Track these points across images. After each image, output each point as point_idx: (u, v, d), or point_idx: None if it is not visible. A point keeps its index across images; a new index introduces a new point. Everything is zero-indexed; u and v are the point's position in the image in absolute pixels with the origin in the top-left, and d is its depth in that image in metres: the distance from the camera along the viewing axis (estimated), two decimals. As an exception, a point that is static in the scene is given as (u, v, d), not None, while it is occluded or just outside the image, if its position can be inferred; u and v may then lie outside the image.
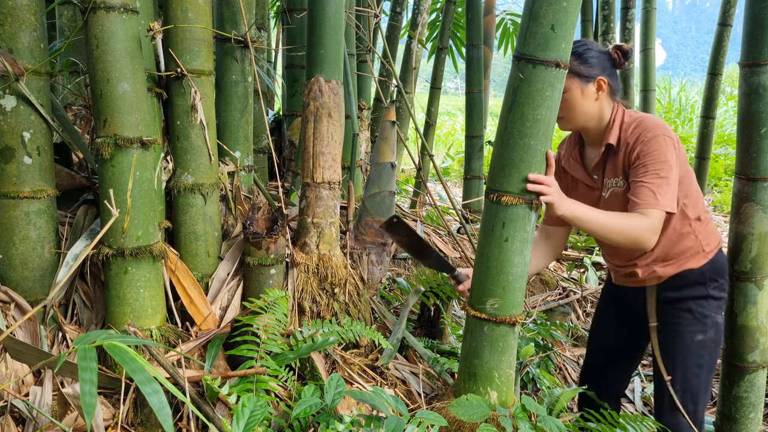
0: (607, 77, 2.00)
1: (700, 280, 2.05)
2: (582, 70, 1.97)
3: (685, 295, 2.06)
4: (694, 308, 2.05)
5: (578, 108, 2.01)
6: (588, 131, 2.08)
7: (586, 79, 1.98)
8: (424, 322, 2.63)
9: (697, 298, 2.05)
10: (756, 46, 2.23)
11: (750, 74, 2.26)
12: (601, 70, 2.00)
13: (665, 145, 1.90)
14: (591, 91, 2.00)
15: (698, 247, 2.04)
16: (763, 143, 2.24)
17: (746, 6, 2.28)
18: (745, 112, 2.28)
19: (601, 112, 2.03)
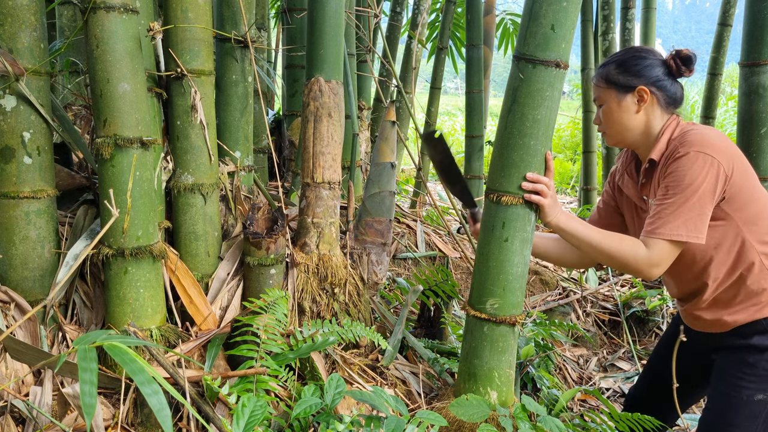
0: (653, 86, 1.77)
1: None
2: (620, 79, 1.78)
3: (753, 343, 1.75)
4: (760, 362, 1.74)
5: (617, 121, 1.81)
6: (637, 147, 1.86)
7: (624, 89, 1.78)
8: (424, 322, 2.63)
9: (765, 349, 1.74)
10: (756, 46, 2.23)
11: (750, 74, 2.26)
12: (645, 78, 1.77)
13: (698, 164, 1.64)
14: (629, 103, 1.78)
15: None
16: (763, 143, 2.24)
17: (746, 6, 2.28)
18: (745, 112, 2.28)
19: (648, 126, 1.79)
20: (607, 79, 1.80)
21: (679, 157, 1.68)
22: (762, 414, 1.75)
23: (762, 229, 1.73)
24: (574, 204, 7.89)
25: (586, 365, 3.58)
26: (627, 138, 1.83)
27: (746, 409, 1.75)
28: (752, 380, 1.75)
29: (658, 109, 1.79)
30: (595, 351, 3.74)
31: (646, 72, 1.77)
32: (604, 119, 1.83)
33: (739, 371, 1.77)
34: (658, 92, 1.78)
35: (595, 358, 3.65)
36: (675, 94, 1.80)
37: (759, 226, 1.72)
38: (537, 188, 1.78)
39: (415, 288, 2.46)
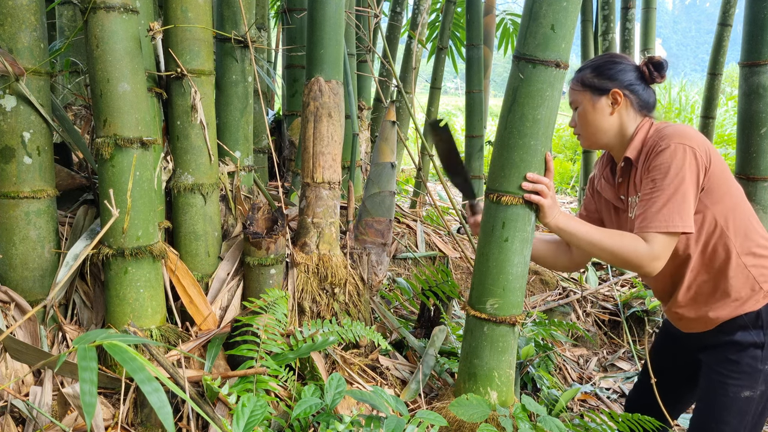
0: (626, 89, 1.82)
1: (755, 324, 1.76)
2: (595, 82, 1.83)
3: (736, 339, 1.77)
4: (744, 358, 1.76)
5: (591, 123, 1.85)
6: (611, 148, 1.91)
7: (599, 92, 1.83)
8: (424, 323, 2.63)
9: (748, 346, 1.76)
10: (756, 46, 2.23)
11: (750, 74, 2.26)
12: (619, 82, 1.82)
13: (680, 155, 1.68)
14: (603, 105, 1.83)
15: (753, 285, 1.76)
16: (763, 143, 2.24)
17: (746, 6, 2.28)
18: (745, 112, 2.29)
19: (622, 128, 1.84)
20: (583, 82, 1.84)
21: (661, 150, 1.71)
22: (750, 411, 1.77)
23: (737, 222, 1.75)
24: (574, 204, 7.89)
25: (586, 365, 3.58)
26: (601, 139, 1.87)
27: (734, 406, 1.77)
28: (737, 377, 1.77)
29: (632, 111, 1.83)
30: (595, 351, 3.74)
31: (619, 76, 1.82)
32: (580, 121, 1.87)
33: (724, 368, 1.79)
34: (631, 95, 1.82)
35: (595, 358, 3.65)
36: (648, 99, 1.84)
37: (735, 219, 1.75)
38: (537, 188, 1.80)
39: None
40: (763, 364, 1.75)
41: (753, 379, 1.76)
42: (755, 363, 1.75)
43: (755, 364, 1.75)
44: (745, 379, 1.76)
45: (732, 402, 1.77)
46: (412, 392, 2.11)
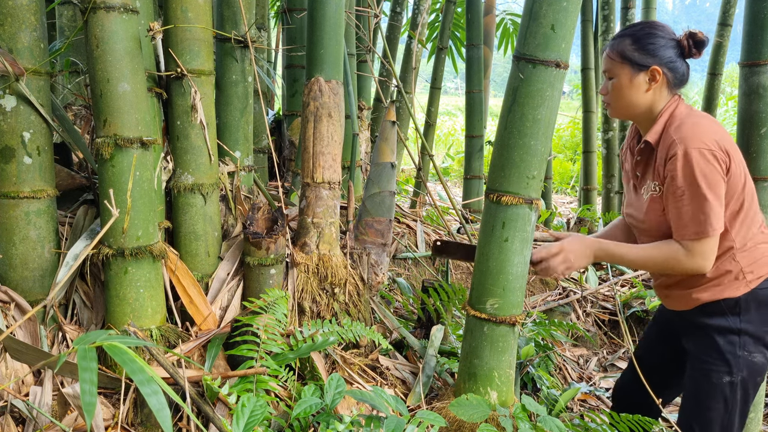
0: (665, 67, 1.80)
1: (734, 311, 1.81)
2: (635, 56, 1.79)
3: (716, 324, 1.83)
4: (722, 344, 1.81)
5: (625, 97, 1.83)
6: (638, 122, 1.91)
7: (638, 67, 1.79)
8: (424, 322, 2.63)
9: (726, 330, 1.81)
10: (756, 46, 2.23)
11: (750, 74, 2.26)
12: (659, 59, 1.79)
13: (695, 162, 1.69)
14: (641, 81, 1.81)
15: (739, 273, 1.81)
16: (763, 143, 2.24)
17: (746, 6, 2.28)
18: (745, 112, 2.28)
19: (653, 105, 1.83)
20: (623, 54, 1.81)
21: (676, 157, 1.72)
22: (734, 396, 1.82)
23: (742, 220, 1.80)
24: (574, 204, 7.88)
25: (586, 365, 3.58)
26: (631, 113, 1.87)
27: (717, 391, 1.82)
28: (717, 363, 1.82)
29: (666, 89, 1.82)
30: (595, 351, 3.74)
31: (661, 52, 1.79)
32: (613, 93, 1.85)
33: (706, 355, 1.84)
34: (669, 73, 1.80)
35: (595, 358, 3.65)
36: (684, 75, 1.83)
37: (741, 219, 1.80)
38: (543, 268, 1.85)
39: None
40: (742, 350, 1.80)
41: (733, 365, 1.80)
42: (734, 349, 1.80)
43: (734, 350, 1.80)
44: (725, 365, 1.81)
45: (715, 388, 1.82)
46: (417, 396, 2.12)
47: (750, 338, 1.81)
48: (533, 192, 1.81)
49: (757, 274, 1.81)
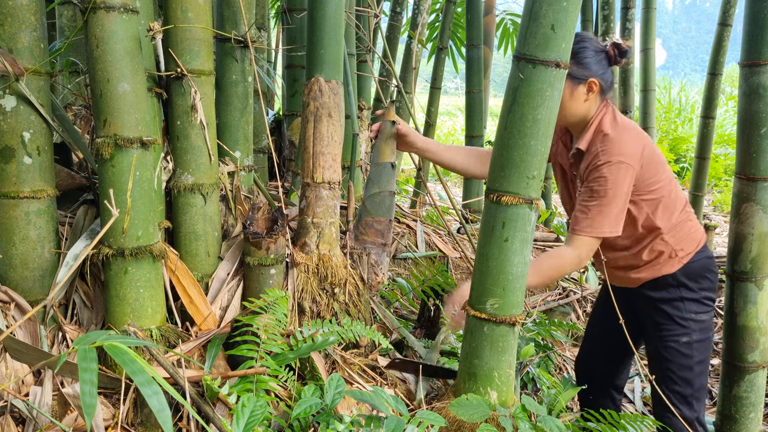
0: (600, 78, 1.99)
1: (673, 284, 2.08)
2: (574, 70, 1.94)
3: (661, 296, 2.10)
4: (672, 312, 2.08)
5: (567, 108, 2.00)
6: (573, 127, 2.12)
7: (577, 80, 1.98)
8: (424, 322, 2.63)
9: (672, 300, 2.08)
10: (756, 46, 2.23)
11: (750, 74, 2.26)
12: (594, 71, 1.98)
13: (615, 173, 1.92)
14: (580, 93, 2.00)
15: (671, 252, 2.07)
16: (763, 143, 2.24)
17: (746, 6, 2.28)
18: (745, 112, 2.28)
19: (588, 112, 2.04)
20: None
21: (600, 165, 1.94)
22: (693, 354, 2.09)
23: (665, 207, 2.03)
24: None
25: (586, 365, 3.57)
26: (568, 121, 2.08)
27: (677, 352, 2.09)
28: (671, 327, 2.09)
29: (599, 97, 2.03)
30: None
31: (594, 64, 1.99)
32: None
33: (658, 323, 2.10)
34: (602, 82, 2.01)
35: (595, 358, 3.65)
36: (611, 82, 2.06)
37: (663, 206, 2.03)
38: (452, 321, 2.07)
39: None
40: (689, 314, 2.08)
41: (685, 327, 2.08)
42: (682, 313, 2.08)
43: (682, 314, 2.08)
44: (678, 328, 2.08)
45: (674, 350, 2.09)
46: (419, 401, 2.12)
47: (692, 302, 2.08)
48: (533, 192, 1.81)
49: (687, 251, 2.07)
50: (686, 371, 2.09)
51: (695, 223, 2.13)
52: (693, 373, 2.10)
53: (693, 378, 2.10)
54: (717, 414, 2.47)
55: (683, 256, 2.07)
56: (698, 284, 2.09)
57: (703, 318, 2.10)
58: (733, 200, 2.34)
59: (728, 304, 2.36)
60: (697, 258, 2.10)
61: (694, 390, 2.11)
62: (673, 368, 2.10)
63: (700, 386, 2.12)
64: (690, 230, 2.10)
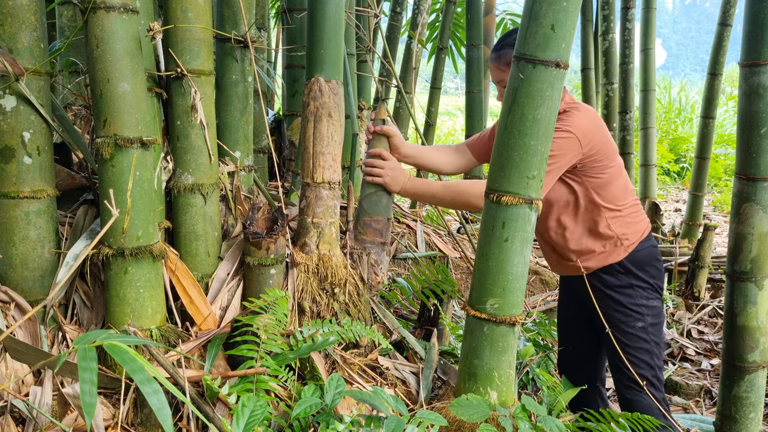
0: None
1: (621, 272, 2.19)
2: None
3: (611, 283, 2.20)
4: (623, 300, 2.19)
5: None
6: None
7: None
8: (424, 323, 2.63)
9: (622, 288, 2.19)
10: (756, 46, 2.23)
11: (750, 74, 2.26)
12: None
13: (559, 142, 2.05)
14: None
15: (616, 241, 2.17)
16: (763, 143, 2.24)
17: (746, 6, 2.28)
18: (745, 112, 2.28)
19: None
20: (507, 61, 2.11)
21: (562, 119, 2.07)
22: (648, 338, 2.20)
23: (609, 194, 2.14)
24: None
25: (586, 365, 3.57)
26: None
27: (634, 337, 2.19)
28: (624, 312, 2.19)
29: None
30: (595, 351, 3.74)
31: None
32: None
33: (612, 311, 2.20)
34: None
35: (595, 358, 3.64)
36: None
37: (607, 192, 2.14)
38: (372, 171, 2.21)
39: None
40: (640, 299, 2.19)
41: (637, 312, 2.18)
42: (633, 299, 2.18)
43: (634, 301, 2.18)
44: (630, 313, 2.19)
45: (630, 335, 2.19)
46: (422, 402, 2.12)
47: (642, 289, 2.19)
48: (533, 192, 1.81)
49: (632, 240, 2.18)
50: (645, 354, 2.20)
51: (640, 213, 2.24)
52: (651, 356, 2.21)
53: (651, 360, 2.21)
54: (717, 414, 2.46)
55: (628, 245, 2.17)
56: (646, 272, 2.20)
57: (654, 304, 2.21)
58: (733, 200, 2.34)
59: (728, 304, 2.36)
60: (643, 247, 2.20)
61: (655, 372, 2.22)
62: (633, 353, 2.20)
63: (658, 368, 2.24)
64: (634, 219, 2.21)
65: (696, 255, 4.59)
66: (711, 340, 4.11)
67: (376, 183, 2.24)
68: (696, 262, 4.59)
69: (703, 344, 4.06)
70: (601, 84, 6.02)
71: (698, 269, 4.59)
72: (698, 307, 4.51)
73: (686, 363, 3.83)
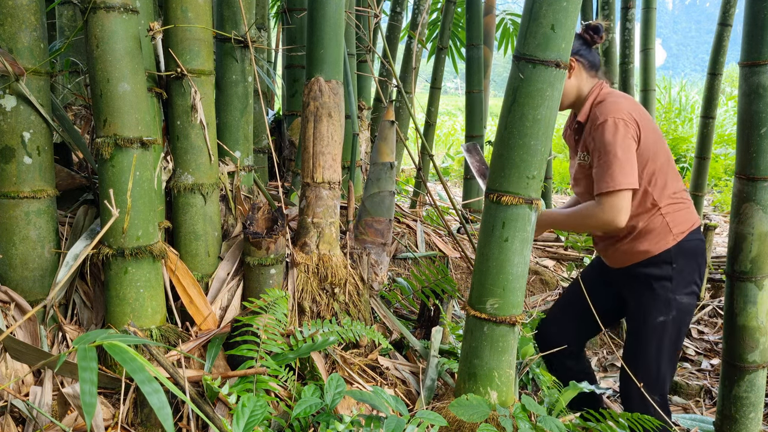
0: (577, 55, 2.18)
1: (666, 260, 2.17)
2: None
3: (649, 272, 2.19)
4: (657, 288, 2.17)
5: None
6: (575, 108, 2.28)
7: None
8: (424, 322, 2.63)
9: (660, 278, 2.17)
10: (756, 46, 2.23)
11: (750, 74, 2.26)
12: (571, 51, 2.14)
13: (613, 128, 2.04)
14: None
15: (666, 228, 2.17)
16: (763, 143, 2.23)
17: (746, 6, 2.27)
18: (745, 112, 2.28)
19: (579, 89, 2.21)
20: None
21: (597, 125, 2.08)
22: (666, 334, 2.18)
23: (660, 180, 2.14)
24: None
25: (586, 365, 3.57)
26: (565, 102, 2.23)
27: (652, 330, 2.18)
28: (653, 306, 2.18)
29: (584, 73, 2.21)
30: (595, 351, 3.74)
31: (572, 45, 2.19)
32: None
33: (644, 299, 2.20)
34: (582, 59, 2.20)
35: (595, 358, 3.65)
36: (594, 60, 2.23)
37: (658, 178, 2.14)
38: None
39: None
40: (674, 294, 2.16)
41: (666, 306, 2.17)
42: (666, 293, 2.16)
43: (667, 294, 2.16)
44: (659, 306, 2.17)
45: (651, 328, 2.18)
46: (423, 402, 2.12)
47: (679, 283, 2.16)
48: (533, 192, 1.81)
49: (681, 229, 2.17)
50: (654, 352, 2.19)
51: (690, 206, 2.23)
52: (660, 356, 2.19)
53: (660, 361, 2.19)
54: (717, 414, 2.46)
55: (678, 234, 2.16)
56: (689, 265, 2.18)
57: (685, 301, 2.18)
58: (733, 200, 2.34)
59: (728, 304, 2.36)
60: (692, 238, 2.19)
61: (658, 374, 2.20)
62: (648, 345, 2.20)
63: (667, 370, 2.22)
64: (685, 210, 2.20)
65: (696, 255, 4.58)
66: (711, 340, 4.11)
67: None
68: (696, 262, 4.58)
69: (703, 344, 4.06)
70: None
71: (698, 269, 4.58)
72: (698, 307, 4.51)
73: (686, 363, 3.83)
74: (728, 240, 2.37)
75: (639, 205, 2.15)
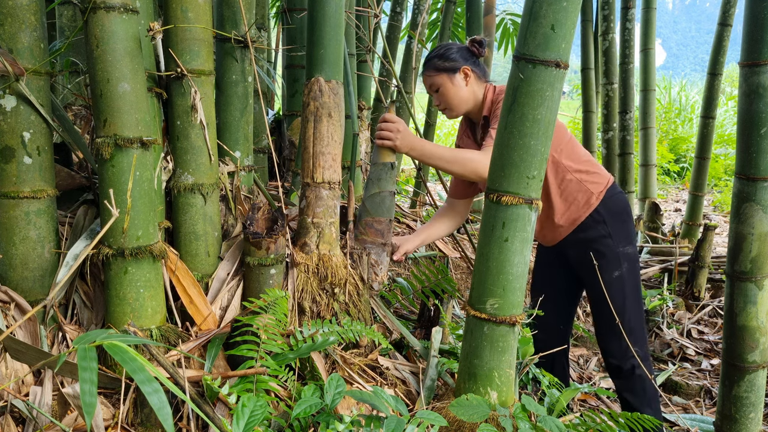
0: (470, 65, 2.37)
1: (597, 220, 2.35)
2: (447, 65, 2.36)
3: (588, 236, 2.36)
4: (601, 248, 2.34)
5: (455, 96, 2.38)
6: (471, 113, 2.46)
7: (452, 71, 2.36)
8: (424, 322, 2.63)
9: (600, 237, 2.34)
10: (756, 46, 2.23)
11: (750, 74, 2.26)
12: (463, 60, 2.37)
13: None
14: (460, 80, 2.37)
15: (587, 192, 2.34)
16: (763, 143, 2.23)
17: (746, 6, 2.27)
18: (745, 112, 2.28)
19: (475, 95, 2.41)
20: (438, 68, 2.38)
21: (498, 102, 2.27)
22: (626, 286, 2.35)
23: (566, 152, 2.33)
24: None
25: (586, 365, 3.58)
26: (464, 108, 2.43)
27: (612, 287, 2.33)
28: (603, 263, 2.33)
29: (477, 81, 2.41)
30: (595, 351, 3.74)
31: (461, 57, 2.38)
32: (444, 99, 2.41)
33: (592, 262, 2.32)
34: (475, 68, 2.40)
35: (595, 358, 3.65)
36: (484, 69, 2.46)
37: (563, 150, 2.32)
38: (382, 135, 2.28)
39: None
40: (617, 248, 2.34)
41: (615, 260, 2.33)
42: (611, 248, 2.34)
43: (612, 249, 2.34)
44: (609, 262, 2.33)
45: (609, 285, 2.32)
46: (423, 402, 2.12)
47: (619, 236, 2.34)
48: (533, 192, 1.81)
49: (599, 188, 2.35)
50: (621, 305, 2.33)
51: (601, 168, 2.42)
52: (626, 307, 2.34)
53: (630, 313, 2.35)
54: (717, 414, 2.46)
55: (598, 193, 2.34)
56: (620, 217, 2.37)
57: (630, 251, 2.36)
58: (733, 200, 2.34)
59: (728, 304, 2.36)
60: (611, 193, 2.37)
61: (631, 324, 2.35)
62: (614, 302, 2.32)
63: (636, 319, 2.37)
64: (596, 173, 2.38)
65: (696, 255, 4.60)
66: (711, 340, 4.11)
67: (387, 146, 2.31)
68: (696, 262, 4.59)
69: (703, 344, 4.07)
70: (601, 84, 6.02)
71: (698, 269, 4.59)
72: (698, 307, 4.51)
73: (686, 363, 3.84)
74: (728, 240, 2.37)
75: (550, 171, 2.32)
